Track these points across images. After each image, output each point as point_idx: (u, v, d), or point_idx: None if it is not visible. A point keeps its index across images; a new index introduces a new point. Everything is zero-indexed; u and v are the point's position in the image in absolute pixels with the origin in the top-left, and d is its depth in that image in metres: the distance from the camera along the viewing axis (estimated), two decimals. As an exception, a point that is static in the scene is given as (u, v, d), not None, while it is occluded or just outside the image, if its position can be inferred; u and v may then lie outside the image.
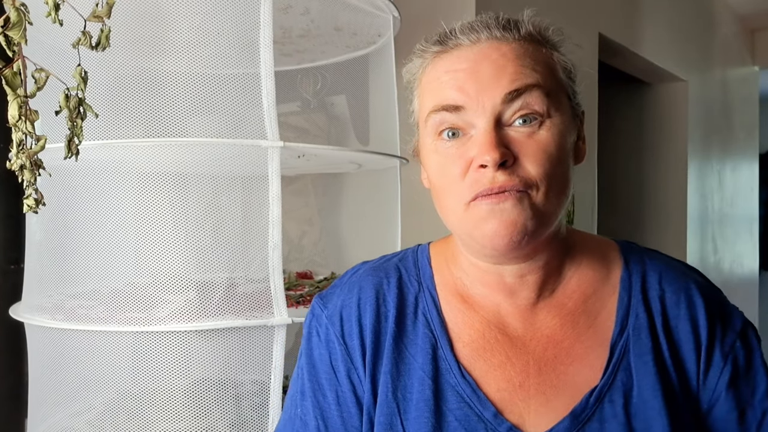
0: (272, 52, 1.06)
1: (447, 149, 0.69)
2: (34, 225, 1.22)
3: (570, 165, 0.70)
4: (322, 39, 1.49)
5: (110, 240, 1.15)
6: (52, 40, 0.93)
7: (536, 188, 0.65)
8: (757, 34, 4.82)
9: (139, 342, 1.09)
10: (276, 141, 1.06)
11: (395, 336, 0.74)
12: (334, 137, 1.84)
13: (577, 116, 0.73)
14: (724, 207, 4.28)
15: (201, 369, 1.08)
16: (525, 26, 0.70)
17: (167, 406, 1.07)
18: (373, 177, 1.46)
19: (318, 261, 1.92)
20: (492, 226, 0.65)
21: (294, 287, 1.57)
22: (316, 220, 1.99)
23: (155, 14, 1.05)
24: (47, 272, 1.22)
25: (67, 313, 1.12)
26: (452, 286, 0.76)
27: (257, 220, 1.07)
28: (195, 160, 1.15)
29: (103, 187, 1.17)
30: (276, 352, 1.08)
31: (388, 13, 1.33)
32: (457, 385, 0.71)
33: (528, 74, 0.67)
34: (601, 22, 2.60)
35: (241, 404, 1.09)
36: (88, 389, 1.15)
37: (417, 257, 0.81)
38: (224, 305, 1.07)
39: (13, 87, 0.62)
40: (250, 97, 1.06)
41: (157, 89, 1.04)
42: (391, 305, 0.75)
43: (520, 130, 0.66)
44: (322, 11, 1.34)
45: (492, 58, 0.67)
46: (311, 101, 1.75)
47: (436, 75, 0.70)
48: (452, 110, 0.67)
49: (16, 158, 0.64)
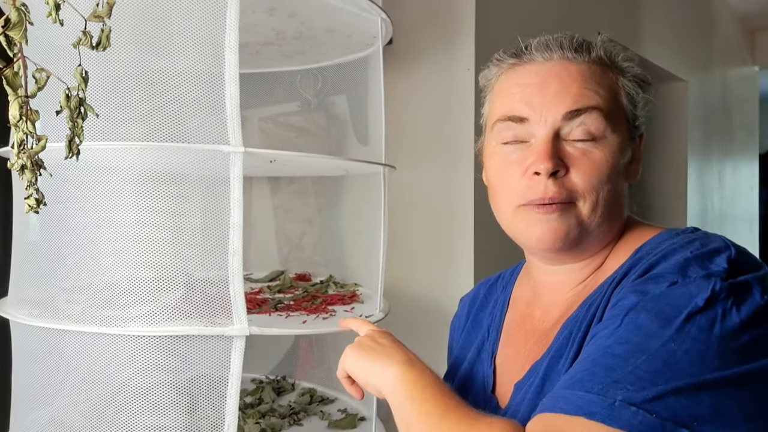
0: (237, 56, 1.04)
1: (507, 154, 0.76)
2: (22, 221, 1.23)
3: (620, 183, 0.75)
4: (317, 41, 1.49)
5: (79, 238, 1.14)
6: (52, 39, 0.93)
7: (582, 200, 0.72)
8: (757, 34, 4.82)
9: (98, 343, 1.08)
10: (238, 146, 1.05)
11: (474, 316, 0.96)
12: (334, 137, 1.84)
13: (634, 139, 0.78)
14: (724, 207, 4.28)
15: (156, 373, 1.06)
16: (596, 50, 0.76)
17: (127, 408, 1.06)
18: (373, 177, 1.45)
19: (318, 261, 1.92)
20: (537, 233, 0.73)
21: (287, 290, 1.56)
22: (316, 220, 1.99)
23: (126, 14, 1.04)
24: (30, 266, 1.23)
25: (47, 308, 1.12)
26: (524, 292, 0.89)
27: (218, 225, 1.07)
28: (159, 162, 1.14)
29: (72, 185, 1.15)
30: (234, 361, 1.05)
31: (376, 15, 1.33)
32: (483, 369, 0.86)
33: (590, 96, 0.73)
34: (601, 22, 2.59)
35: (197, 410, 1.08)
36: (68, 385, 1.15)
37: (516, 268, 0.95)
38: (182, 311, 1.05)
39: (14, 87, 0.62)
40: (214, 101, 1.05)
41: (125, 91, 1.05)
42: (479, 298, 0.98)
43: (576, 145, 0.73)
44: (307, 13, 1.34)
45: (560, 76, 0.74)
46: (311, 101, 1.76)
47: (507, 85, 0.78)
48: (517, 121, 0.75)
49: (17, 158, 0.64)
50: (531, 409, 0.68)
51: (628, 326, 0.61)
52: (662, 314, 0.60)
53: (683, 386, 0.56)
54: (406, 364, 0.75)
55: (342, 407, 1.55)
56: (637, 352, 0.58)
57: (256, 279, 1.72)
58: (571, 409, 0.57)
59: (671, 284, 0.63)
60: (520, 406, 0.73)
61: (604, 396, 0.56)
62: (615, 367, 0.58)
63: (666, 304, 0.61)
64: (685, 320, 0.59)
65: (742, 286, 0.62)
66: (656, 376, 0.56)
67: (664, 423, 0.54)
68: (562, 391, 0.60)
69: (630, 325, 0.61)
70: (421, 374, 0.73)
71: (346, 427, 1.44)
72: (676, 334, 0.59)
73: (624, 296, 0.65)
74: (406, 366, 0.75)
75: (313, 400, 1.59)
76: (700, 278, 0.62)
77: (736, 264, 0.65)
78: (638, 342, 0.59)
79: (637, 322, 0.61)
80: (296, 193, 1.99)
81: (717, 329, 0.59)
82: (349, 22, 1.34)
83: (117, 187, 1.15)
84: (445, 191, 1.85)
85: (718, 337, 0.58)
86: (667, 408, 0.55)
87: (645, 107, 0.78)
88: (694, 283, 0.62)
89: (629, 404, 0.55)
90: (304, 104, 1.79)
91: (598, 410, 0.56)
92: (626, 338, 0.60)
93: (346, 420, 1.46)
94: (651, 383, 0.56)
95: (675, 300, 0.61)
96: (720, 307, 0.60)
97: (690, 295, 0.61)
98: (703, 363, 0.57)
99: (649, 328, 0.60)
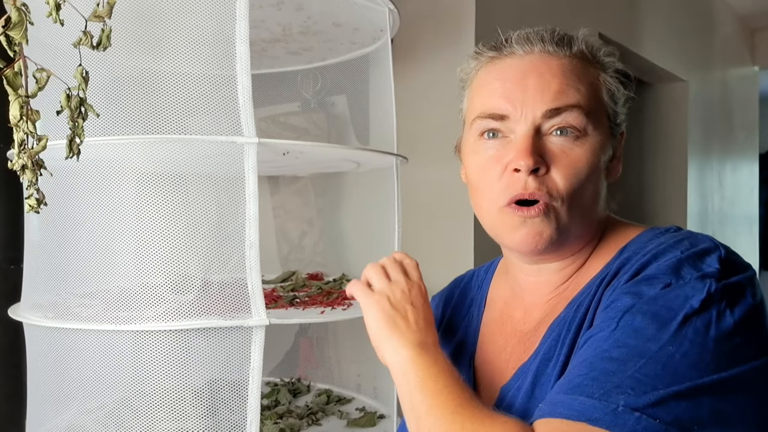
0: (248, 48, 1.05)
1: (486, 150, 0.75)
2: (33, 224, 1.22)
3: (600, 181, 0.74)
4: (324, 36, 1.49)
5: (96, 240, 1.14)
6: (52, 39, 0.93)
7: (561, 201, 0.71)
8: (757, 34, 4.82)
9: (120, 342, 1.08)
10: (252, 137, 1.05)
11: (450, 317, 0.93)
12: (335, 137, 1.84)
13: (615, 136, 0.77)
14: (724, 207, 4.28)
15: (178, 370, 1.06)
16: (578, 44, 0.75)
17: (148, 409, 1.06)
18: (373, 177, 1.45)
19: (318, 261, 1.92)
20: (520, 236, 0.72)
21: (300, 288, 1.56)
22: (316, 220, 1.99)
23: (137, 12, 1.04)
24: (44, 271, 1.22)
25: (61, 311, 1.11)
26: (502, 291, 0.87)
27: (234, 218, 1.07)
28: (172, 158, 1.14)
29: (84, 185, 1.15)
30: (254, 353, 1.05)
31: (384, 5, 1.32)
32: (462, 371, 0.82)
33: (571, 93, 0.71)
34: (601, 22, 2.60)
35: (219, 406, 1.08)
36: (82, 389, 1.15)
37: (490, 266, 0.94)
38: (201, 305, 1.05)
39: (15, 87, 0.62)
40: (228, 94, 1.06)
41: (138, 87, 1.05)
42: (454, 298, 0.94)
43: (556, 141, 0.71)
44: (315, 6, 1.33)
45: (540, 71, 0.72)
46: (311, 101, 1.75)
47: (487, 80, 0.76)
48: (498, 119, 0.73)
49: (17, 158, 0.64)
50: (522, 413, 0.68)
51: (625, 329, 0.61)
52: (658, 317, 0.60)
53: (683, 390, 0.56)
54: (419, 347, 0.72)
55: (360, 406, 1.56)
56: (636, 356, 0.58)
57: (268, 280, 1.72)
58: (573, 415, 0.57)
59: (665, 286, 0.62)
60: (509, 409, 0.71)
61: (606, 401, 0.56)
62: (615, 372, 0.58)
63: (661, 306, 0.61)
64: (682, 323, 0.59)
65: (735, 287, 0.62)
66: (656, 380, 0.56)
67: (667, 428, 0.54)
68: (561, 396, 0.60)
69: (626, 328, 0.61)
70: (434, 362, 0.70)
71: (366, 425, 1.43)
72: (673, 336, 0.58)
73: (617, 298, 0.65)
74: (419, 349, 0.71)
75: (330, 400, 1.59)
76: (694, 279, 0.62)
77: (726, 264, 0.64)
78: (636, 345, 0.59)
79: (634, 325, 0.61)
80: (296, 193, 1.98)
81: (712, 331, 0.59)
82: (357, 14, 1.34)
83: (130, 187, 1.15)
84: (445, 188, 1.85)
85: (714, 339, 0.58)
86: (669, 412, 0.55)
87: (626, 104, 0.77)
88: (689, 284, 0.62)
89: (632, 409, 0.55)
90: (304, 104, 1.79)
91: (601, 416, 0.55)
92: (624, 341, 0.60)
93: (365, 418, 1.46)
94: (652, 387, 0.56)
95: (670, 302, 0.61)
96: (714, 309, 0.60)
97: (685, 296, 0.61)
98: (700, 366, 0.57)
99: (646, 331, 0.59)
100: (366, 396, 1.64)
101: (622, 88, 0.76)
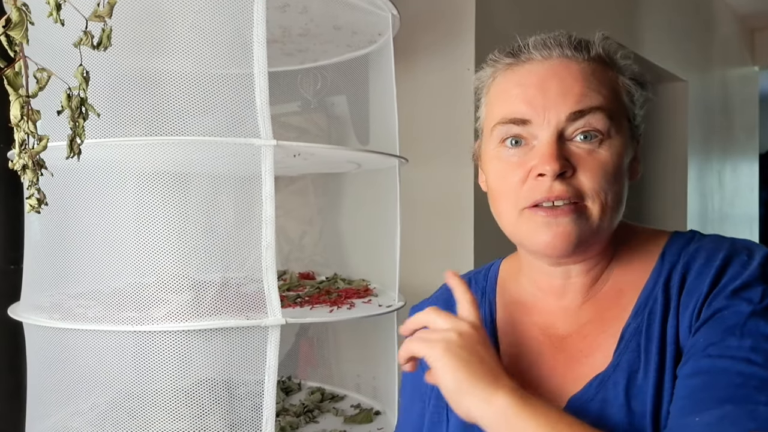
0: (265, 50, 1.06)
1: (509, 157, 0.74)
2: (34, 225, 1.22)
3: (625, 183, 0.74)
4: (322, 38, 1.49)
5: (107, 239, 1.14)
6: (52, 39, 0.93)
7: (591, 201, 0.70)
8: (757, 34, 4.82)
9: (133, 342, 1.08)
10: (269, 140, 1.05)
11: None
12: (335, 137, 1.84)
13: (635, 138, 0.77)
14: (724, 207, 4.28)
15: (194, 369, 1.07)
16: (595, 48, 0.75)
17: (161, 407, 1.06)
18: (373, 176, 1.45)
19: (318, 260, 1.92)
20: (546, 238, 0.71)
21: (295, 288, 1.56)
22: (316, 220, 1.99)
23: (154, 13, 1.05)
24: (46, 272, 1.22)
25: (65, 312, 1.11)
26: (515, 295, 0.84)
27: (250, 219, 1.07)
28: (189, 159, 1.14)
29: (99, 186, 1.16)
30: (270, 353, 1.06)
31: (387, 11, 1.33)
32: None
33: (593, 96, 0.71)
34: (601, 21, 2.60)
35: (235, 405, 1.08)
36: (86, 389, 1.15)
37: (489, 270, 0.90)
38: (218, 305, 1.05)
39: (15, 87, 0.62)
40: (244, 96, 1.06)
41: (154, 89, 1.04)
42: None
43: (581, 145, 0.71)
44: (319, 9, 1.34)
45: (561, 76, 0.72)
46: (311, 101, 1.76)
47: (506, 87, 0.75)
48: (519, 123, 0.72)
49: (18, 158, 0.64)
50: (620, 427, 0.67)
51: (754, 335, 0.63)
52: None
53: None
54: (515, 394, 0.64)
55: (354, 403, 1.57)
56: None
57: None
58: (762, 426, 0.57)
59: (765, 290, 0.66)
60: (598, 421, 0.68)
61: None
62: None
63: None
64: None
65: None
66: None
67: None
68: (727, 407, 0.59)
69: (755, 334, 0.63)
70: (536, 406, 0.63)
71: (363, 421, 1.45)
72: None
73: (724, 306, 0.66)
74: (516, 397, 0.63)
75: (324, 398, 1.60)
76: None
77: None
78: None
79: (759, 330, 0.63)
80: (296, 193, 1.99)
81: None
82: (358, 18, 1.34)
83: (141, 187, 1.15)
84: (444, 188, 1.85)
85: None
86: None
87: (644, 106, 0.78)
88: None
89: None
90: (304, 104, 1.79)
91: None
92: (760, 347, 0.62)
93: (362, 415, 1.47)
94: None
95: None
96: None
97: None
98: None
99: None
100: (363, 395, 1.64)
101: (640, 89, 0.77)
